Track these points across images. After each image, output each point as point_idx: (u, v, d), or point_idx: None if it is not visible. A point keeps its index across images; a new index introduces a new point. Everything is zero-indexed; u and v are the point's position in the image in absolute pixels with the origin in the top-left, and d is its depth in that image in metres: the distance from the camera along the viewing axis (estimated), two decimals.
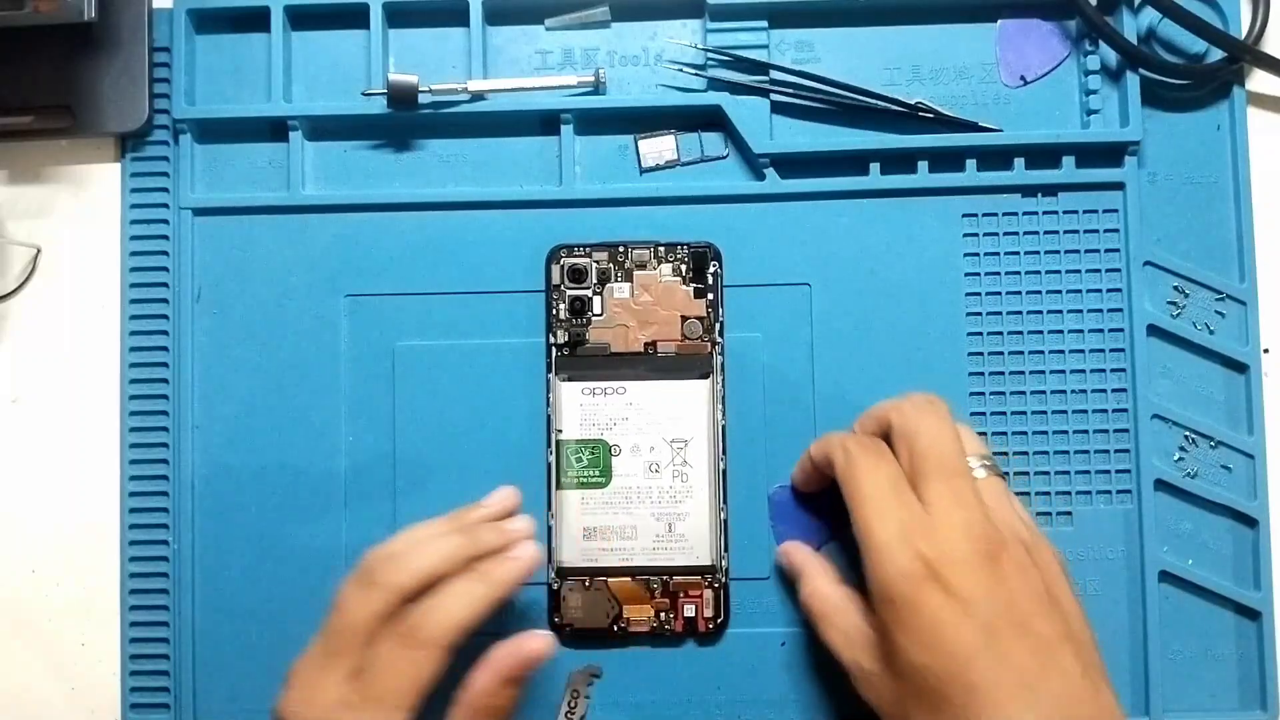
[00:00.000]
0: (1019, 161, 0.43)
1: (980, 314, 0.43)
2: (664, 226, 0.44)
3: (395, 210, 0.44)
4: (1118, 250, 0.43)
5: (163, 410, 0.44)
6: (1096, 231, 0.44)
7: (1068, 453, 0.43)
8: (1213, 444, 0.43)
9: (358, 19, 0.45)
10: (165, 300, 0.44)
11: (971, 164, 0.44)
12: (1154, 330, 0.43)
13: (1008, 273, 0.44)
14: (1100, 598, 0.42)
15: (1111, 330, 0.43)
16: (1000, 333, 0.43)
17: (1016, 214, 0.44)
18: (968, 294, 0.44)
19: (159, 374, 0.44)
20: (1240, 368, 0.43)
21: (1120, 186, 0.43)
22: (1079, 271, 0.43)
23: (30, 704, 0.44)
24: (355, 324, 0.44)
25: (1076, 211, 0.44)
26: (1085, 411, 0.43)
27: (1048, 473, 0.43)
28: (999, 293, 0.44)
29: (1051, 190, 0.44)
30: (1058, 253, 0.44)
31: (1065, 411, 0.43)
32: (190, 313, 0.44)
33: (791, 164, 0.44)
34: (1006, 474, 0.43)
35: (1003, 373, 0.43)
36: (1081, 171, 0.43)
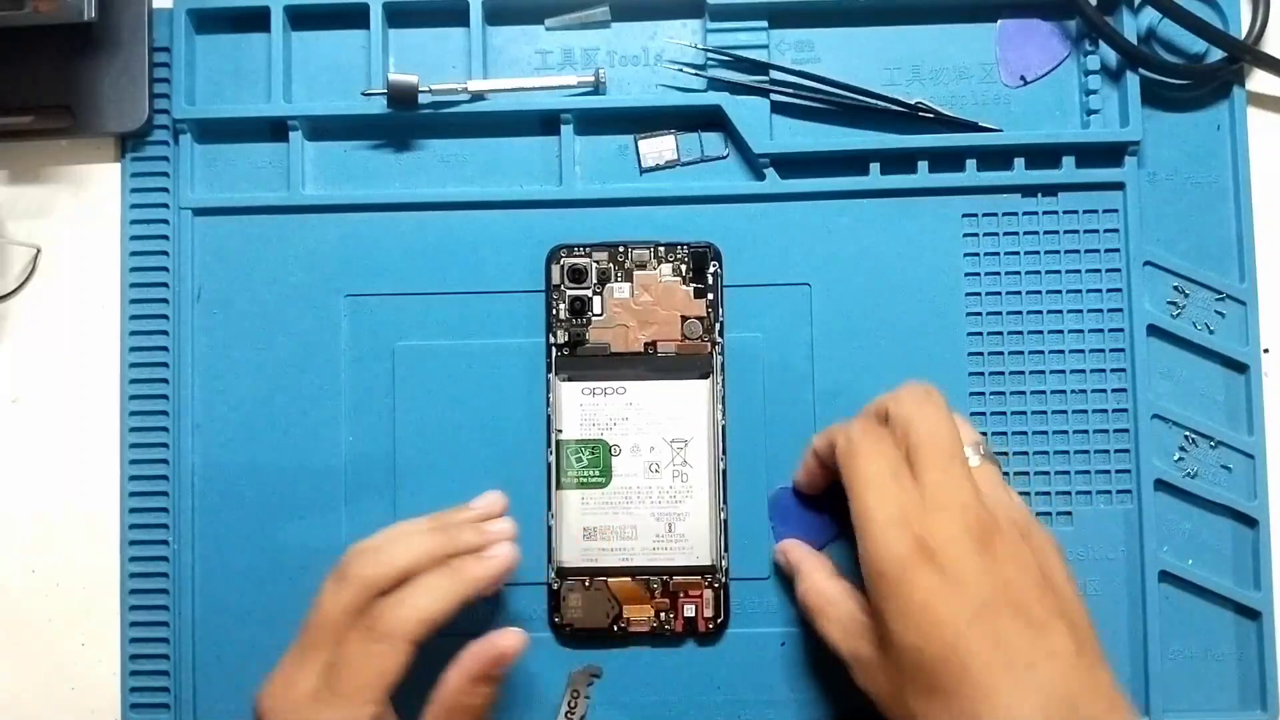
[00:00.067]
0: (1019, 161, 0.43)
1: (980, 314, 0.43)
2: (664, 226, 0.44)
3: (395, 210, 0.44)
4: (1118, 250, 0.43)
5: (163, 410, 0.44)
6: (1096, 231, 0.44)
7: (1068, 453, 0.43)
8: (1213, 444, 0.43)
9: (358, 19, 0.45)
10: (165, 300, 0.44)
11: (971, 164, 0.44)
12: (1154, 330, 0.43)
13: (1008, 273, 0.44)
14: (1100, 598, 0.42)
15: (1111, 330, 0.43)
16: (1000, 333, 0.43)
17: (1016, 214, 0.44)
18: (968, 294, 0.44)
19: (159, 374, 0.44)
20: (1240, 368, 0.43)
21: (1120, 186, 0.43)
22: (1079, 271, 0.43)
23: (30, 704, 0.44)
24: (355, 324, 0.44)
25: (1076, 211, 0.44)
26: (1085, 411, 0.43)
27: (1048, 473, 0.43)
28: (999, 293, 0.44)
29: (1051, 190, 0.44)
30: (1058, 253, 0.44)
31: (1065, 411, 0.43)
32: (190, 313, 0.44)
33: (791, 164, 0.44)
34: (1007, 473, 0.43)
35: (1003, 373, 0.43)
36: (1081, 171, 0.43)
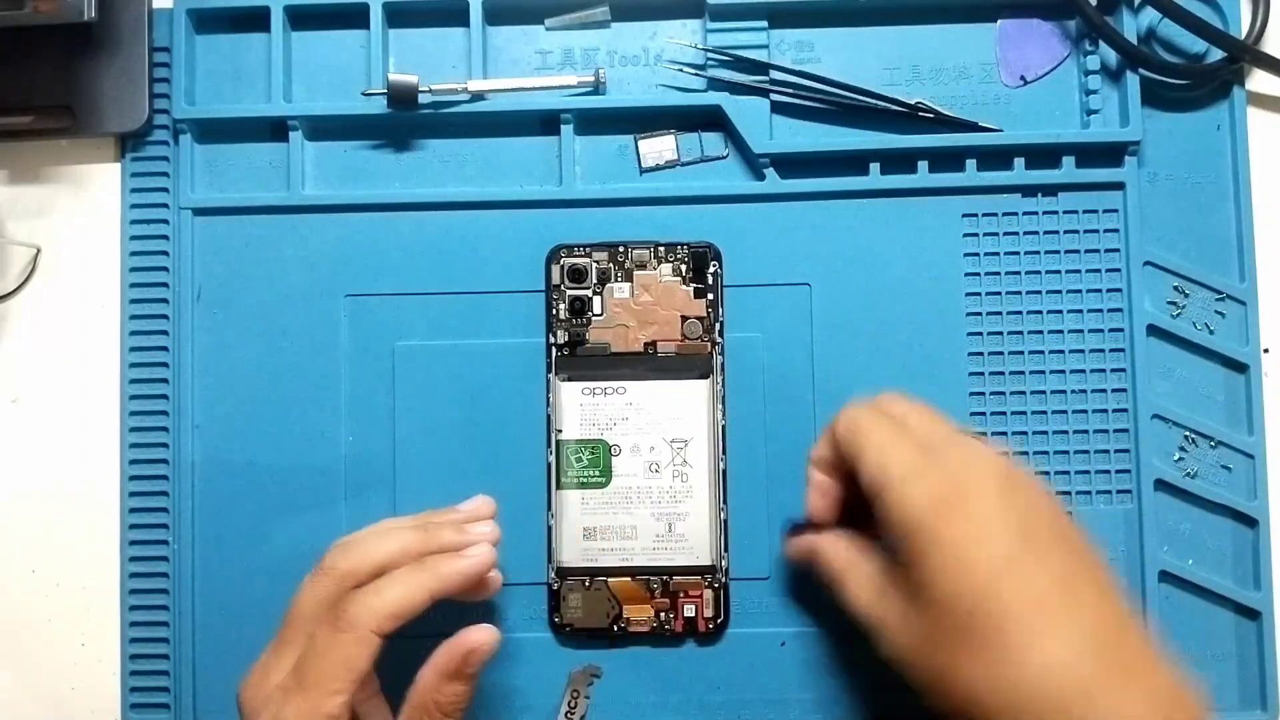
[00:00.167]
0: (1019, 161, 0.43)
1: (980, 314, 0.43)
2: (664, 226, 0.44)
3: (395, 210, 0.44)
4: (1118, 250, 0.43)
5: (163, 410, 0.44)
6: (1096, 231, 0.44)
7: (1068, 453, 0.43)
8: (1213, 444, 0.43)
9: (358, 19, 0.45)
10: (165, 300, 0.44)
11: (971, 164, 0.44)
12: (1154, 330, 0.43)
13: (1008, 273, 0.44)
14: None
15: (1111, 330, 0.43)
16: (1000, 333, 0.43)
17: (1016, 214, 0.44)
18: (968, 294, 0.44)
19: (159, 374, 0.44)
20: (1240, 368, 0.43)
21: (1120, 186, 0.43)
22: (1079, 271, 0.43)
23: (30, 704, 0.44)
24: (355, 324, 0.44)
25: (1076, 211, 0.44)
26: (1085, 411, 0.43)
27: (1048, 473, 0.43)
28: (999, 293, 0.44)
29: (1051, 190, 0.44)
30: (1058, 253, 0.44)
31: (1065, 411, 0.43)
32: (190, 313, 0.44)
33: (791, 164, 0.44)
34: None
35: (1003, 373, 0.43)
36: (1081, 171, 0.43)
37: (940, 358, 0.43)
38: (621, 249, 0.43)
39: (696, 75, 0.44)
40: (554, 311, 0.43)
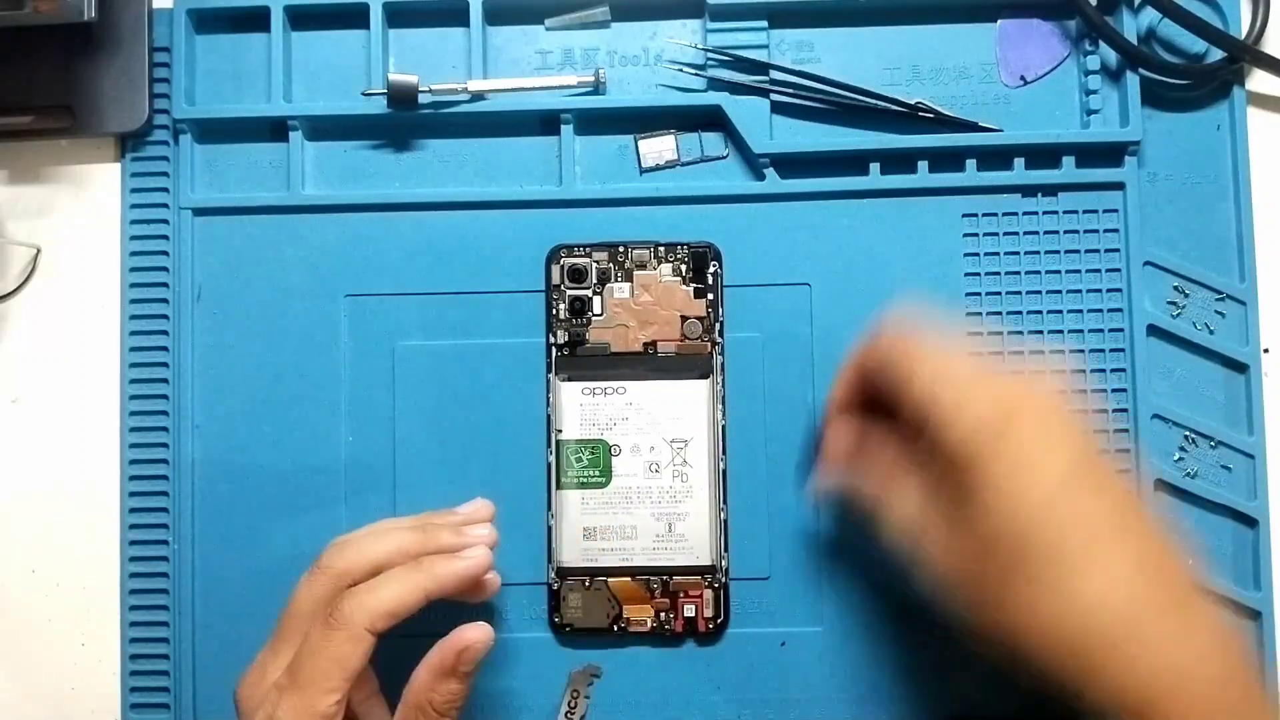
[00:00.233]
0: (1019, 161, 0.43)
1: (980, 314, 0.43)
2: (664, 226, 0.44)
3: (395, 210, 0.44)
4: (1118, 250, 0.43)
5: (163, 410, 0.44)
6: (1096, 231, 0.44)
7: None
8: (1213, 444, 0.43)
9: (358, 19, 0.45)
10: (165, 300, 0.44)
11: (971, 164, 0.44)
12: (1154, 330, 0.43)
13: (1008, 273, 0.44)
14: None
15: (1111, 330, 0.43)
16: (1000, 333, 0.43)
17: (1016, 214, 0.44)
18: (968, 294, 0.44)
19: (159, 374, 0.44)
20: (1240, 368, 0.43)
21: (1120, 186, 0.43)
22: (1079, 271, 0.43)
23: (30, 704, 0.44)
24: (355, 324, 0.44)
25: (1076, 211, 0.44)
26: (1085, 411, 0.43)
27: None
28: (999, 293, 0.44)
29: (1051, 190, 0.44)
30: (1058, 253, 0.44)
31: None
32: (190, 313, 0.44)
33: (791, 164, 0.44)
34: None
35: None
36: (1081, 171, 0.43)
37: None
38: (621, 249, 0.43)
39: (696, 75, 0.44)
40: (554, 311, 0.43)
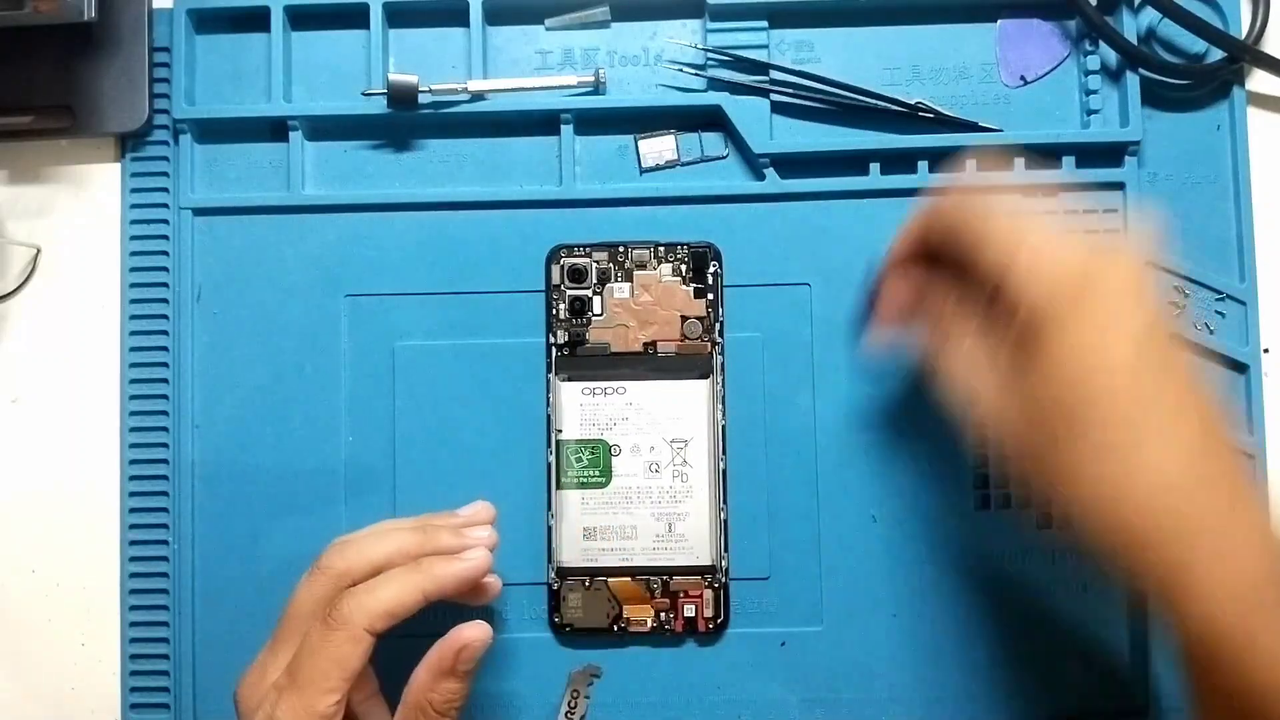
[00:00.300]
0: (1019, 161, 0.43)
1: None
2: (664, 226, 0.44)
3: (395, 210, 0.44)
4: None
5: (163, 410, 0.44)
6: (1097, 232, 0.44)
7: None
8: None
9: (358, 19, 0.45)
10: (165, 300, 0.44)
11: (972, 164, 0.44)
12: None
13: None
14: (1100, 599, 0.42)
15: None
16: (1077, 210, 0.43)
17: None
18: None
19: (159, 374, 0.44)
20: (1240, 368, 0.43)
21: (1120, 186, 0.43)
22: None
23: (30, 704, 0.44)
24: (355, 324, 0.44)
25: (1077, 211, 0.44)
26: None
27: None
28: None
29: (1051, 190, 0.44)
30: None
31: None
32: (190, 313, 0.44)
33: (791, 164, 0.44)
34: (1007, 474, 0.43)
35: None
36: (1081, 171, 0.43)
37: None
38: (621, 249, 0.43)
39: (696, 75, 0.44)
40: (554, 311, 0.43)
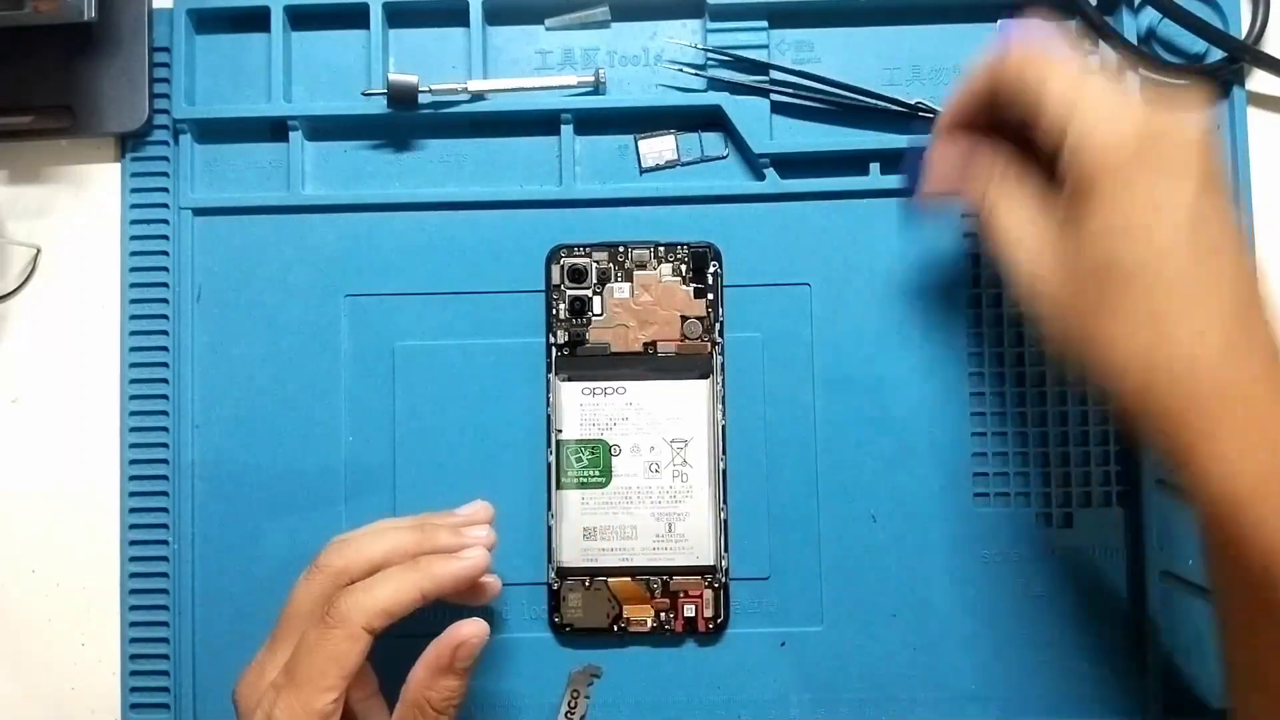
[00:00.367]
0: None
1: (980, 314, 0.43)
2: (664, 226, 0.44)
3: (395, 210, 0.44)
4: None
5: (163, 410, 0.44)
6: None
7: (1068, 453, 0.43)
8: None
9: (358, 19, 0.45)
10: (165, 300, 0.44)
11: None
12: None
13: None
14: (1100, 598, 0.42)
15: None
16: (1001, 332, 0.43)
17: None
18: (968, 294, 0.44)
19: (159, 374, 0.44)
20: None
21: None
22: None
23: (30, 704, 0.44)
24: (355, 324, 0.44)
25: None
26: (1086, 412, 0.43)
27: (1048, 473, 0.43)
28: (999, 292, 0.43)
29: None
30: None
31: (1066, 412, 0.43)
32: (190, 313, 0.44)
33: (791, 164, 0.44)
34: (1005, 474, 0.43)
35: (1003, 373, 0.43)
36: None
37: (940, 357, 0.43)
38: (621, 249, 0.43)
39: (696, 75, 0.44)
40: (554, 311, 0.43)
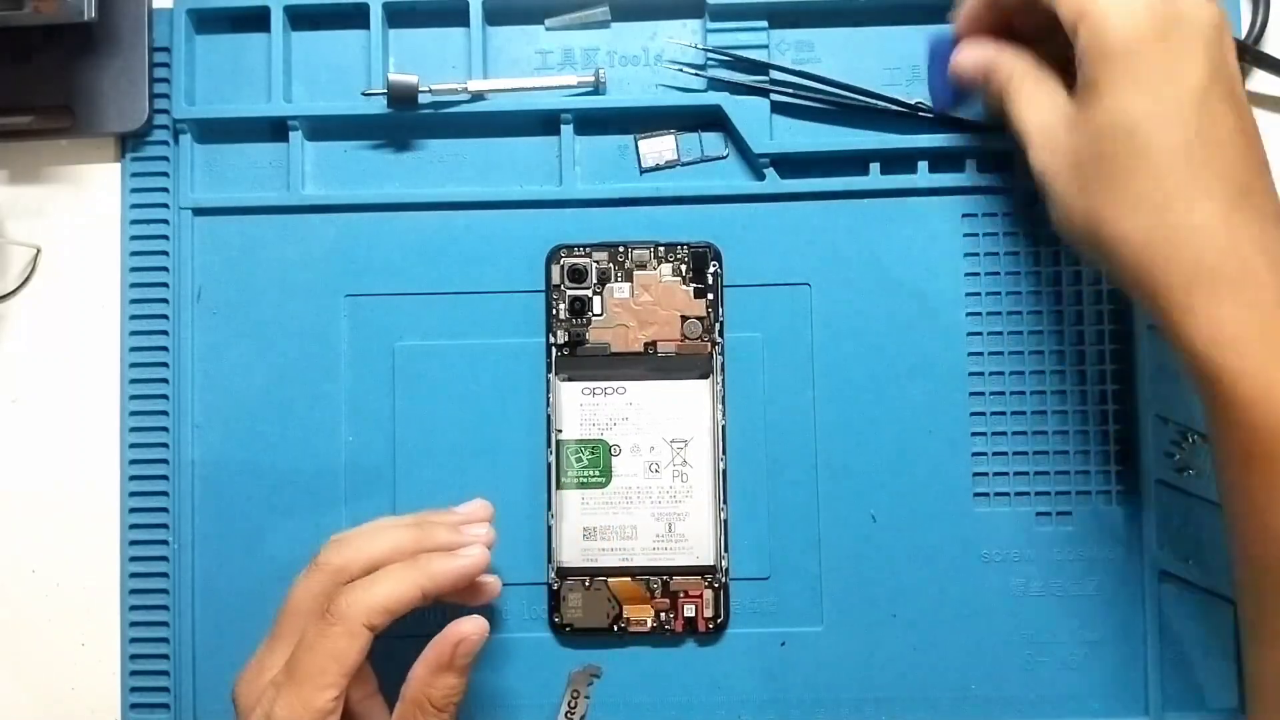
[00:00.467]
0: (1019, 161, 0.43)
1: (980, 314, 0.43)
2: (664, 226, 0.44)
3: (395, 210, 0.44)
4: None
5: (163, 410, 0.44)
6: None
7: (1068, 453, 0.43)
8: None
9: (358, 19, 0.45)
10: (165, 300, 0.44)
11: (971, 164, 0.44)
12: (1155, 329, 0.43)
13: (1008, 273, 0.44)
14: (1100, 598, 0.42)
15: (1112, 330, 0.43)
16: (1000, 333, 0.43)
17: (1016, 214, 0.44)
18: (968, 294, 0.43)
19: (159, 374, 0.44)
20: None
21: None
22: (1080, 271, 0.43)
23: (30, 704, 0.44)
24: (355, 324, 0.44)
25: None
26: (1085, 411, 0.43)
27: (1048, 473, 0.43)
28: (999, 293, 0.43)
29: None
30: (1058, 252, 0.44)
31: (1066, 411, 0.43)
32: (190, 313, 0.44)
33: (791, 164, 0.44)
34: (1005, 474, 0.43)
35: (1003, 373, 0.43)
36: None
37: (940, 357, 0.43)
38: (621, 249, 0.43)
39: (696, 75, 0.44)
40: (554, 311, 0.43)
